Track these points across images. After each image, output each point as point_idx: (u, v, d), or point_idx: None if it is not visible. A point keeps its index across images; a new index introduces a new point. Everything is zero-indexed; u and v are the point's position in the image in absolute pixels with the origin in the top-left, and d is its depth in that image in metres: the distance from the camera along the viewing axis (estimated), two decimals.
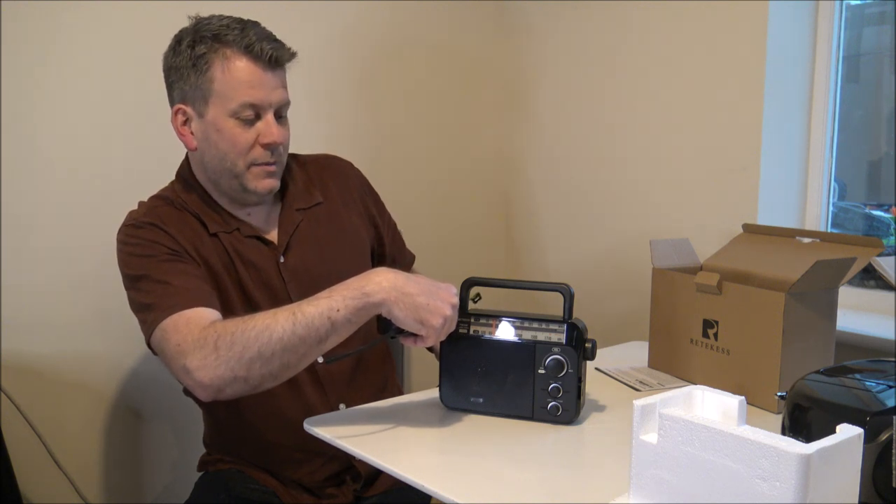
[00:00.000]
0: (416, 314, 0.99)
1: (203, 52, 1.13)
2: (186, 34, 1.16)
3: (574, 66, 1.99)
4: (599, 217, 1.95)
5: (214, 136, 1.15)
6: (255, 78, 1.14)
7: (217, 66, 1.13)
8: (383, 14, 1.92)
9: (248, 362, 1.00)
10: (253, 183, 1.18)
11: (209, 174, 1.21)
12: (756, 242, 1.37)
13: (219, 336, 1.01)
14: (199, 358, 1.01)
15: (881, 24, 1.72)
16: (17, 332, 1.49)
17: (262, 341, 0.99)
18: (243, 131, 1.15)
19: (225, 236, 1.21)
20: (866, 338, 1.43)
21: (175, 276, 1.11)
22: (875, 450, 0.77)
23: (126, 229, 1.19)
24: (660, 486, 0.74)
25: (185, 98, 1.17)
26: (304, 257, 1.25)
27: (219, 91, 1.13)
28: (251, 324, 1.00)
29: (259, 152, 1.17)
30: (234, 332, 1.00)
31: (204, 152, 1.18)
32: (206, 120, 1.15)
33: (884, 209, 1.77)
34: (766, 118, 1.60)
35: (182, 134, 1.19)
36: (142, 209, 1.23)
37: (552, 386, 1.07)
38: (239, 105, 1.13)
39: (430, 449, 1.02)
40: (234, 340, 1.00)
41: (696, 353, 1.27)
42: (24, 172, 1.49)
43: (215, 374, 1.00)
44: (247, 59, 1.13)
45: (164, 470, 1.70)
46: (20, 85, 1.47)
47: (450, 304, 1.02)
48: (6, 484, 1.35)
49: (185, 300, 1.08)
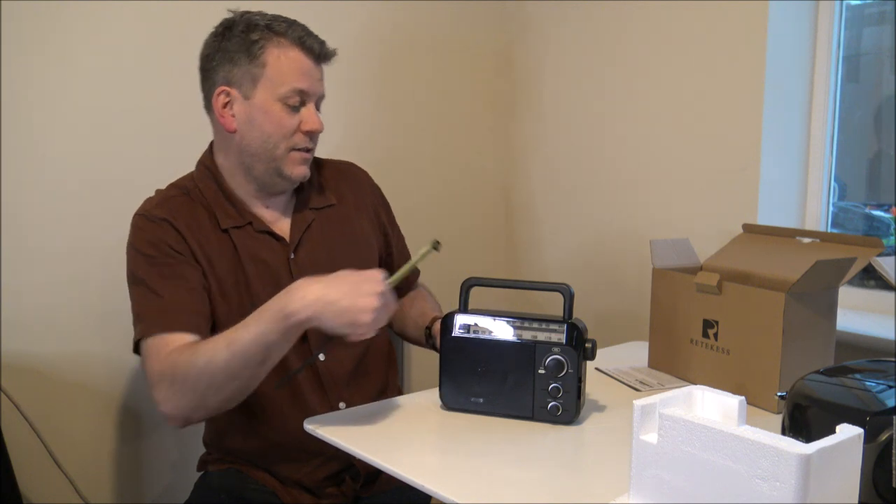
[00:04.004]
0: (344, 319, 1.01)
1: (257, 38, 1.19)
2: (237, 23, 1.21)
3: (574, 67, 1.99)
4: (599, 217, 1.95)
5: (260, 118, 1.20)
6: (306, 67, 1.21)
7: (271, 53, 1.19)
8: (382, 15, 1.92)
9: (202, 394, 1.07)
10: (289, 168, 1.23)
11: (244, 157, 1.23)
12: (756, 242, 1.37)
13: (174, 370, 1.08)
14: (162, 391, 1.09)
15: (881, 24, 1.72)
16: (17, 332, 1.49)
17: (209, 373, 1.05)
18: (288, 116, 1.21)
19: (235, 232, 1.24)
20: (866, 338, 1.43)
21: (168, 288, 1.16)
22: (875, 450, 0.77)
23: (139, 219, 1.23)
24: (660, 486, 0.74)
25: (231, 81, 1.21)
26: (314, 255, 1.27)
27: (270, 76, 1.19)
28: (196, 357, 1.06)
29: (300, 138, 1.22)
30: (184, 366, 1.07)
31: (244, 135, 1.22)
32: (253, 102, 1.20)
33: (884, 209, 1.77)
34: (766, 118, 1.60)
35: (222, 116, 1.22)
36: (157, 198, 1.26)
37: (552, 386, 1.07)
38: (289, 90, 1.19)
39: (430, 449, 1.02)
40: (186, 375, 1.07)
41: (696, 353, 1.27)
42: (23, 172, 1.49)
43: (177, 406, 1.09)
44: (299, 49, 1.20)
45: (164, 470, 1.70)
46: (20, 85, 1.47)
47: (375, 295, 1.01)
48: (6, 484, 1.35)
49: (168, 321, 1.13)
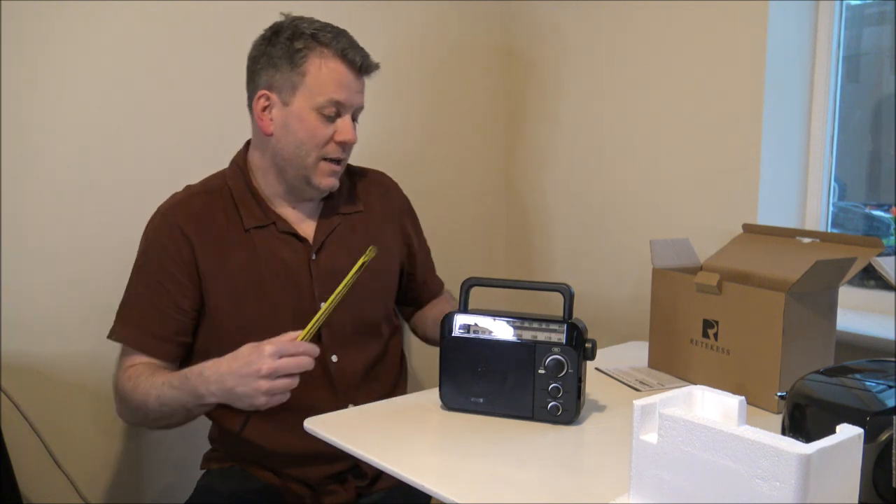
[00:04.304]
0: (244, 403, 1.09)
1: (300, 47, 1.22)
2: (285, 28, 1.24)
3: (574, 67, 1.99)
4: (599, 217, 1.95)
5: (295, 126, 1.23)
6: (345, 79, 1.23)
7: (312, 62, 1.22)
8: (385, 13, 1.92)
9: (141, 419, 1.24)
10: (318, 178, 1.26)
11: (277, 160, 1.26)
12: (756, 242, 1.37)
13: (122, 391, 1.23)
14: (116, 401, 1.27)
15: (881, 24, 1.72)
16: (17, 332, 1.49)
17: (143, 410, 1.20)
18: (323, 125, 1.23)
19: (258, 232, 1.27)
20: (866, 338, 1.43)
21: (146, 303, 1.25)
22: (875, 450, 0.77)
23: (156, 216, 1.29)
24: (660, 486, 0.74)
25: (272, 86, 1.24)
26: (334, 259, 1.29)
27: (309, 84, 1.22)
28: (135, 393, 1.20)
29: (332, 148, 1.25)
30: (127, 393, 1.21)
31: (279, 139, 1.25)
32: (291, 109, 1.23)
33: (884, 209, 1.77)
34: (766, 118, 1.60)
35: (260, 119, 1.26)
36: (180, 197, 1.30)
37: (552, 386, 1.07)
38: (326, 101, 1.22)
39: (430, 449, 1.02)
40: (127, 402, 1.22)
41: (696, 353, 1.27)
42: (23, 172, 1.49)
43: (122, 417, 1.27)
44: (341, 61, 1.23)
45: (164, 470, 1.70)
46: (20, 85, 1.47)
47: (259, 374, 1.06)
48: (6, 484, 1.35)
49: (136, 340, 1.25)
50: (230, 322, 1.25)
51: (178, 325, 1.25)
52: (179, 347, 1.26)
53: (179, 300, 1.24)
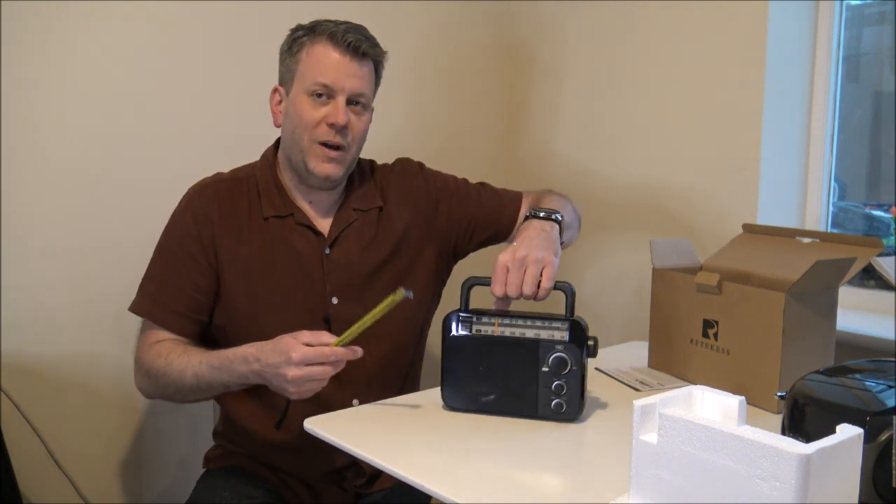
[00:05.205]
0: (278, 390, 1.12)
1: (299, 36, 1.25)
2: (300, 26, 1.27)
3: (573, 67, 1.99)
4: (599, 216, 1.95)
5: (291, 112, 1.26)
6: (331, 61, 1.23)
7: (304, 49, 1.24)
8: (385, 12, 1.92)
9: (168, 394, 1.25)
10: (313, 162, 1.25)
11: (285, 149, 1.29)
12: (756, 242, 1.37)
13: (150, 367, 1.23)
14: (139, 376, 1.27)
15: (881, 24, 1.73)
16: (17, 332, 1.49)
17: (175, 385, 1.21)
18: (313, 108, 1.24)
19: (276, 221, 1.29)
20: (866, 338, 1.43)
21: (170, 281, 1.27)
22: (875, 450, 0.77)
23: (185, 199, 1.31)
24: (660, 486, 0.74)
25: (282, 79, 1.29)
26: (348, 253, 1.30)
27: (301, 71, 1.24)
28: (169, 368, 1.21)
29: (323, 130, 1.24)
30: (158, 369, 1.22)
31: (284, 128, 1.29)
32: (291, 98, 1.26)
33: (884, 209, 1.77)
34: (766, 118, 1.60)
35: (274, 112, 1.30)
36: (207, 181, 1.33)
37: (556, 383, 1.07)
38: (313, 83, 1.23)
39: (430, 449, 1.02)
40: (158, 377, 1.22)
41: (696, 353, 1.27)
42: (24, 172, 1.49)
43: (146, 392, 1.28)
44: (329, 43, 1.23)
45: (164, 470, 1.70)
46: (20, 85, 1.47)
47: (286, 362, 1.07)
48: (6, 484, 1.35)
49: (159, 315, 1.26)
50: (243, 304, 1.27)
51: (196, 303, 1.27)
52: (197, 325, 1.28)
53: (198, 279, 1.27)
